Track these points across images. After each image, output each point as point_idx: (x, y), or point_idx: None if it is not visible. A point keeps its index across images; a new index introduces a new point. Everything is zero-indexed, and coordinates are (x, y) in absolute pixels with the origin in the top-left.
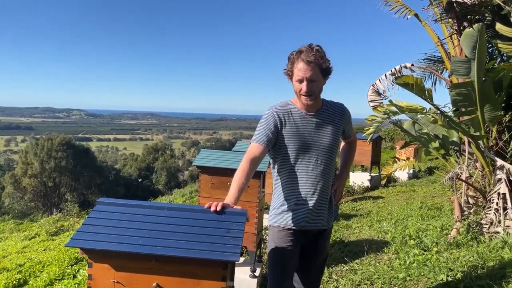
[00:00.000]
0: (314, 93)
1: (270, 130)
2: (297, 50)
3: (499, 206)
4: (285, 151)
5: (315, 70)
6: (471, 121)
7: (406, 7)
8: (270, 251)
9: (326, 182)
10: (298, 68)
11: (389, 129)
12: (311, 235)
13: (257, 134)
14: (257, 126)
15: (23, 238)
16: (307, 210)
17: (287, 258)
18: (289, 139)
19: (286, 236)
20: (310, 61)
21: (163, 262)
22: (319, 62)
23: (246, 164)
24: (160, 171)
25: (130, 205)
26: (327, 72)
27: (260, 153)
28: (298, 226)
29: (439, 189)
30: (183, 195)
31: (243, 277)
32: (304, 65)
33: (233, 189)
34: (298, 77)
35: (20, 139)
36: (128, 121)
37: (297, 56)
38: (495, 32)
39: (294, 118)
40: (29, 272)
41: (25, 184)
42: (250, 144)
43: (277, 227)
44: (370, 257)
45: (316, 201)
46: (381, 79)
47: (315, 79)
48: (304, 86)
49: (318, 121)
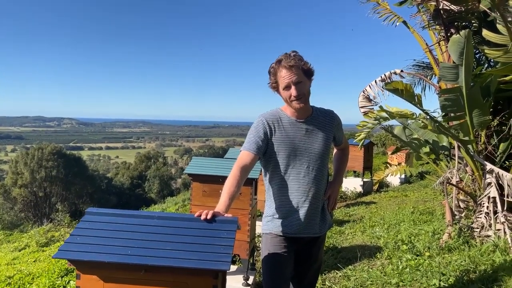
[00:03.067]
0: (304, 95)
1: (260, 137)
2: (276, 61)
3: (489, 209)
4: (275, 159)
5: (298, 73)
6: (460, 126)
7: (395, 14)
8: (264, 258)
9: (318, 189)
10: (282, 76)
11: (381, 134)
12: (303, 243)
13: (247, 142)
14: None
15: (12, 250)
16: (300, 218)
17: (282, 264)
18: (279, 146)
19: (279, 243)
20: (292, 65)
21: (153, 272)
22: (300, 65)
23: (236, 171)
24: (153, 179)
25: (119, 215)
26: (310, 73)
27: (251, 161)
28: (291, 234)
29: (430, 194)
30: (176, 203)
31: (236, 285)
32: (287, 71)
33: (223, 197)
34: (284, 84)
35: (10, 148)
36: (120, 129)
37: (277, 65)
38: (482, 38)
39: (284, 125)
40: (19, 284)
41: (15, 194)
42: (241, 152)
43: (270, 234)
44: (363, 263)
45: (308, 209)
46: (371, 85)
47: (301, 80)
48: (292, 90)
49: (308, 128)
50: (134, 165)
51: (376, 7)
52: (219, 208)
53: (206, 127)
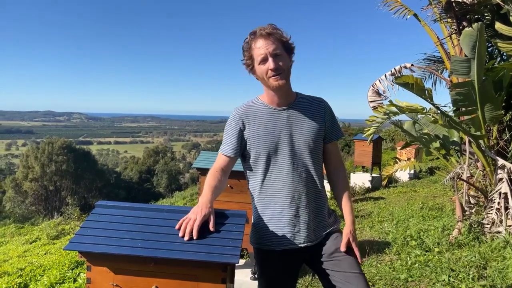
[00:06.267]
0: (283, 71)
1: (233, 136)
2: (249, 33)
3: (500, 205)
4: (254, 156)
5: (277, 43)
6: (472, 120)
7: (405, 7)
8: (257, 273)
9: (308, 190)
10: (257, 47)
11: (390, 129)
12: (302, 253)
13: (222, 143)
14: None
15: (24, 242)
16: (285, 225)
17: (274, 282)
18: (256, 141)
19: (268, 259)
20: (269, 33)
21: (163, 264)
22: (278, 35)
23: (214, 171)
24: (161, 174)
25: (129, 208)
26: (290, 48)
27: (226, 164)
28: (278, 246)
29: (440, 189)
30: (184, 198)
31: (244, 279)
32: (263, 40)
33: (205, 190)
34: (260, 57)
35: (21, 143)
36: (128, 124)
37: (251, 37)
38: (495, 31)
39: (261, 116)
40: (30, 276)
41: (26, 188)
42: (218, 155)
43: (256, 249)
44: (371, 258)
45: (296, 213)
46: (381, 79)
47: (279, 53)
48: (270, 62)
49: (290, 116)
50: (143, 160)
51: (387, 0)
52: (202, 203)
53: (214, 122)
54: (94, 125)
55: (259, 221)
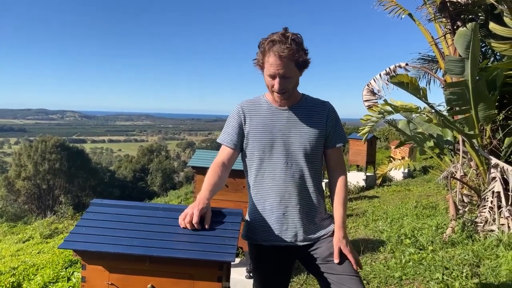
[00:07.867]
0: (288, 90)
1: (233, 127)
2: (269, 39)
3: (493, 204)
4: (251, 151)
5: (289, 66)
6: (465, 120)
7: (400, 6)
8: (252, 268)
9: (299, 192)
10: (269, 62)
11: (384, 128)
12: (294, 253)
13: (223, 133)
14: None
15: (16, 241)
16: (273, 222)
17: (267, 276)
18: (254, 136)
19: (259, 253)
20: (284, 56)
21: (158, 263)
22: (294, 57)
23: (215, 166)
24: (155, 173)
25: (124, 206)
26: (304, 65)
27: (229, 156)
28: (265, 241)
29: (434, 188)
30: (179, 197)
31: (239, 277)
32: (277, 60)
33: (204, 187)
34: (269, 72)
35: (13, 141)
36: (122, 122)
37: (268, 47)
38: (489, 31)
39: (263, 113)
40: (23, 275)
41: (19, 186)
42: (221, 148)
43: (248, 244)
44: (366, 256)
45: (284, 211)
46: (375, 78)
47: (289, 75)
48: (276, 83)
49: (290, 117)
50: (137, 158)
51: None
52: (199, 199)
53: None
54: (88, 124)
55: (250, 216)
